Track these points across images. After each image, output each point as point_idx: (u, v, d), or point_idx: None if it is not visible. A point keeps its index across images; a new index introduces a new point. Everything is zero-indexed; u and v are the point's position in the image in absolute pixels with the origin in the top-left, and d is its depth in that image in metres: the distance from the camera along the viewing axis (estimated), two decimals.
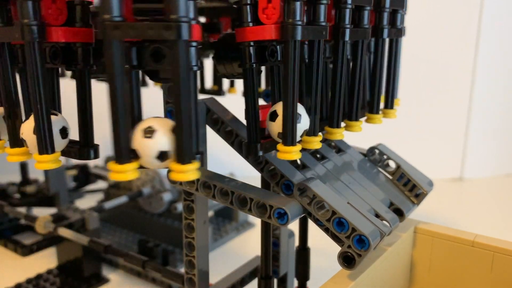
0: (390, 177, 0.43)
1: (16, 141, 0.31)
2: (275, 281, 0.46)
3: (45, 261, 0.67)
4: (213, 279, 0.44)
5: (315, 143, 0.32)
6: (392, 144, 0.48)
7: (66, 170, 0.75)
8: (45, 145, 0.28)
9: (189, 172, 0.25)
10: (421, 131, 1.04)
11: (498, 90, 1.04)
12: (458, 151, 1.07)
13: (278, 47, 0.32)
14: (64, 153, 0.31)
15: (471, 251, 0.40)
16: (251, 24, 0.30)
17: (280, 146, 0.30)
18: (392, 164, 0.44)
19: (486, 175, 1.08)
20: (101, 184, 0.88)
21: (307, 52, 0.31)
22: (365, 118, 0.40)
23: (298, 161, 0.38)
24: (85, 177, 0.84)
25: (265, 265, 0.40)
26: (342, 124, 0.35)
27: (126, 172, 0.25)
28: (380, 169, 0.44)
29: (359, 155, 0.44)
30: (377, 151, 0.44)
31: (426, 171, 0.45)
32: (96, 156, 0.32)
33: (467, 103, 1.04)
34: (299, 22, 0.28)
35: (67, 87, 0.43)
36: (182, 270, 0.52)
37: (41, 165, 0.29)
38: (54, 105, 0.33)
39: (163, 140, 0.25)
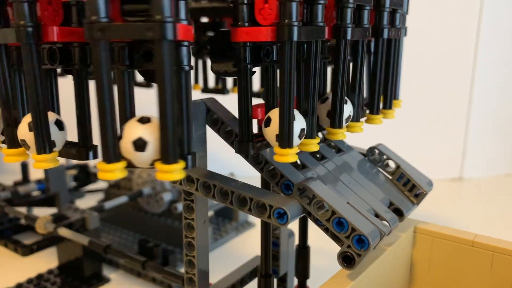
0: (390, 177, 0.43)
1: (13, 142, 0.31)
2: (275, 280, 0.46)
3: (46, 261, 0.67)
4: (213, 279, 0.44)
5: (313, 145, 0.31)
6: (392, 144, 0.48)
7: (66, 170, 0.75)
8: (43, 145, 0.29)
9: (174, 172, 0.25)
10: (420, 131, 1.04)
11: (498, 90, 1.04)
12: (458, 151, 1.07)
13: (273, 47, 0.31)
14: (63, 154, 0.31)
15: (471, 251, 0.40)
16: (247, 25, 0.29)
17: (276, 149, 0.30)
18: (392, 164, 0.44)
19: (486, 175, 1.08)
20: (101, 184, 0.88)
21: (305, 52, 0.31)
22: (364, 118, 0.40)
23: (298, 161, 0.38)
24: (85, 177, 0.84)
25: (265, 264, 0.40)
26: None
27: (114, 172, 0.25)
28: (380, 169, 0.44)
29: (359, 155, 0.44)
30: (377, 151, 0.44)
31: (426, 171, 0.45)
32: (95, 156, 0.32)
33: (467, 103, 1.04)
34: (296, 23, 0.27)
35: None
36: (182, 270, 0.52)
37: (39, 165, 0.29)
38: (53, 106, 0.33)
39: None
